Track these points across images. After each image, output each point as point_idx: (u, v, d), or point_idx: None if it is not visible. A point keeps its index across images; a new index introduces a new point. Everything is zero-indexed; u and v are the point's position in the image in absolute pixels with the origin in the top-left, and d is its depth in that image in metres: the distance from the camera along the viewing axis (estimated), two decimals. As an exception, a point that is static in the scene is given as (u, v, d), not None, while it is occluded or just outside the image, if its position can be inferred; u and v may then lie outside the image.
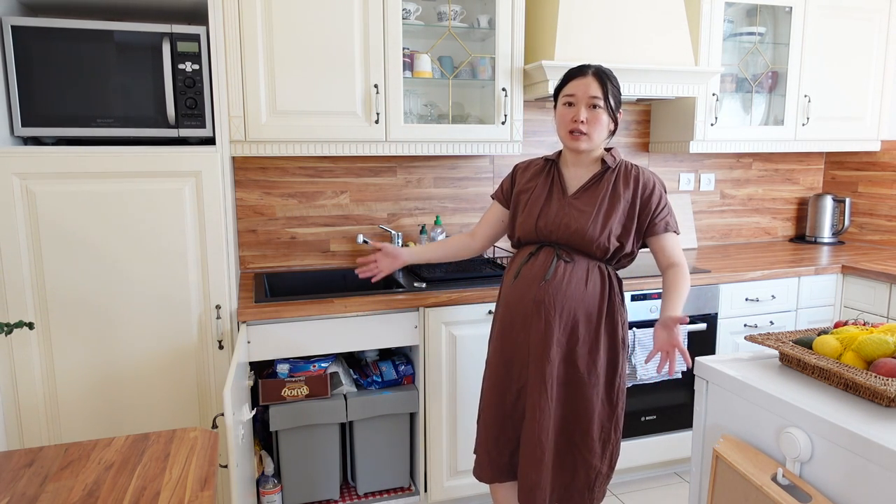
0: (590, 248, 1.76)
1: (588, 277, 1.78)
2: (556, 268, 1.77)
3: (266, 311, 2.07)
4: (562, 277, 1.76)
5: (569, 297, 1.76)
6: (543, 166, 1.91)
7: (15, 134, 1.91)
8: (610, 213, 1.77)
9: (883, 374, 1.26)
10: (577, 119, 1.74)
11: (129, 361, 2.01)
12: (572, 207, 1.79)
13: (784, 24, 2.97)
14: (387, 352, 2.49)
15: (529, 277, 1.80)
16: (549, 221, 1.79)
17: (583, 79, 1.76)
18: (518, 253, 1.91)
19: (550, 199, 1.83)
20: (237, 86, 2.16)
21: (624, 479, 2.66)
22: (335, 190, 2.71)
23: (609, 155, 1.84)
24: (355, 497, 2.37)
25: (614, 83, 1.78)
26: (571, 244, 1.78)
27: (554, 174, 1.87)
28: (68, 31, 1.89)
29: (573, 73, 1.79)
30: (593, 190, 1.81)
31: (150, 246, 1.98)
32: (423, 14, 2.54)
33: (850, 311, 2.79)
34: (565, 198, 1.82)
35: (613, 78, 1.79)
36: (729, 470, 1.37)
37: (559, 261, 1.78)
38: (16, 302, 1.89)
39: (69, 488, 1.14)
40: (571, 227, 1.76)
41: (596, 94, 1.73)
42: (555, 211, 1.80)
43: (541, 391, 1.76)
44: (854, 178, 3.37)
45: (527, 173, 1.92)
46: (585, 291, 1.77)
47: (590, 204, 1.78)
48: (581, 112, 1.74)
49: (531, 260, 1.82)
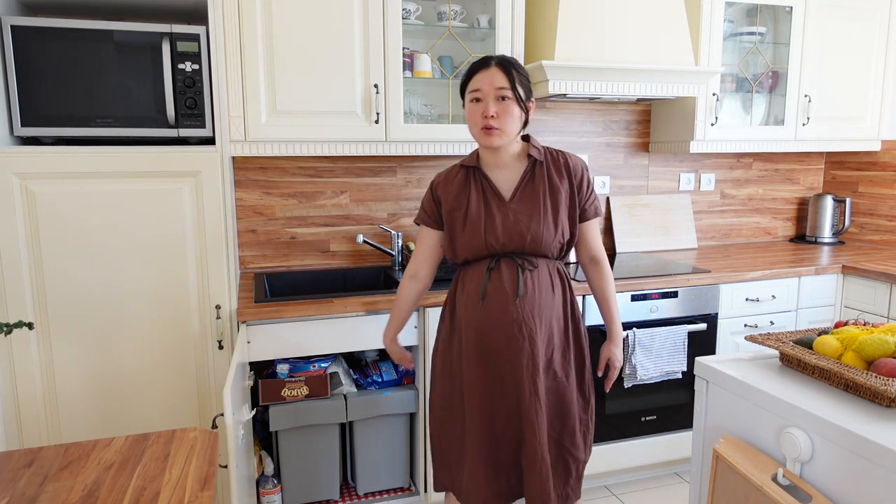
0: (547, 250, 1.71)
1: (552, 282, 1.74)
2: (525, 281, 1.69)
3: (266, 311, 2.07)
4: (533, 290, 1.70)
5: (544, 308, 1.71)
6: (466, 176, 1.76)
7: (15, 134, 1.91)
8: (556, 209, 1.71)
9: (883, 374, 1.26)
10: (486, 114, 1.64)
11: (129, 361, 2.01)
12: (517, 213, 1.70)
13: (784, 23, 2.97)
14: (387, 352, 2.49)
15: (499, 296, 1.69)
16: (499, 234, 1.69)
17: (487, 71, 1.66)
18: (469, 269, 1.77)
19: (490, 209, 1.71)
20: (237, 86, 2.16)
21: (624, 479, 2.66)
22: (335, 190, 2.71)
23: (532, 147, 1.74)
24: (355, 497, 2.37)
25: (521, 71, 1.68)
26: (528, 250, 1.70)
27: (481, 181, 1.74)
28: (68, 31, 1.89)
29: (476, 67, 1.69)
30: (530, 189, 1.72)
31: (149, 246, 1.97)
32: (423, 14, 2.54)
33: (851, 311, 2.78)
34: (505, 204, 1.71)
35: (519, 66, 1.69)
36: (729, 470, 1.37)
37: (524, 272, 1.70)
38: (16, 302, 1.89)
39: (69, 488, 1.14)
40: (527, 236, 1.68)
41: (502, 85, 1.64)
42: (500, 222, 1.69)
43: (537, 409, 1.70)
44: (854, 178, 3.37)
45: (450, 188, 1.77)
46: (554, 297, 1.74)
47: (533, 205, 1.70)
48: (490, 106, 1.64)
49: (493, 276, 1.71)
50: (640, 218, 3.13)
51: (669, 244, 3.17)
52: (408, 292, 1.92)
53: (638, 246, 3.10)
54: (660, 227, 3.16)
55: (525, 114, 1.70)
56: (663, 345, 2.48)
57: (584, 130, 3.03)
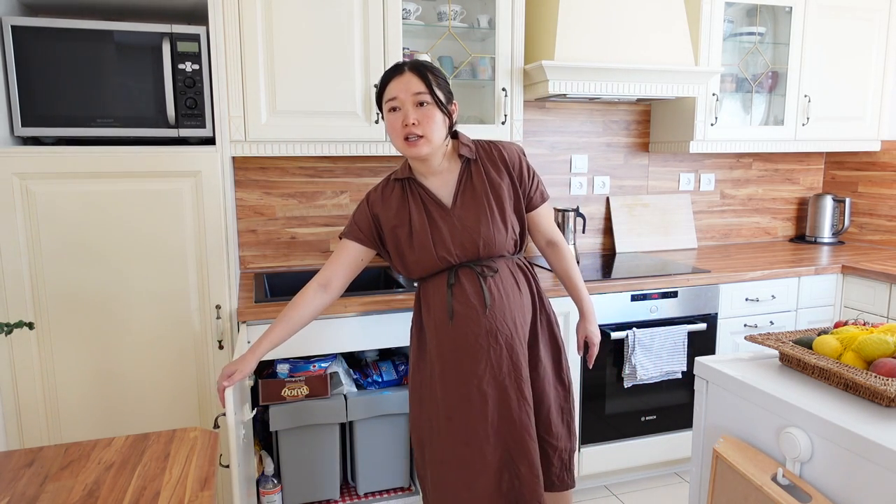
0: (502, 249, 1.66)
1: (517, 280, 1.70)
2: (489, 289, 1.63)
3: (266, 311, 2.07)
4: (500, 295, 1.64)
5: (515, 309, 1.67)
6: (402, 189, 1.69)
7: (15, 134, 1.91)
8: (501, 207, 1.65)
9: (883, 374, 1.26)
10: (406, 122, 1.56)
11: (129, 361, 2.01)
12: (463, 220, 1.63)
13: (784, 23, 2.97)
14: (387, 352, 2.49)
15: (467, 311, 1.63)
16: (449, 246, 1.63)
17: (401, 77, 1.58)
18: (429, 285, 1.70)
19: (434, 221, 1.64)
20: (237, 86, 2.16)
21: (624, 479, 2.66)
22: (335, 190, 2.71)
23: (462, 145, 1.67)
24: (355, 497, 2.37)
25: (437, 73, 1.60)
26: (483, 255, 1.65)
27: (418, 193, 1.67)
28: (68, 31, 1.89)
29: (389, 74, 1.60)
30: (470, 191, 1.65)
31: (150, 246, 1.98)
32: (423, 14, 2.54)
33: (850, 311, 2.79)
34: (449, 212, 1.64)
35: (435, 68, 1.61)
36: (729, 470, 1.37)
37: (486, 279, 1.64)
38: (16, 302, 1.89)
39: (69, 488, 1.14)
40: (478, 242, 1.63)
41: (419, 90, 1.55)
42: (447, 232, 1.63)
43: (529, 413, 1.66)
44: (854, 178, 3.37)
45: (389, 204, 1.69)
46: (521, 295, 1.70)
47: (478, 208, 1.64)
48: (409, 114, 1.56)
49: (455, 291, 1.64)
50: (639, 218, 3.13)
51: (669, 244, 3.17)
52: (310, 303, 1.71)
53: (638, 246, 3.10)
54: (660, 227, 3.16)
55: (448, 117, 1.62)
56: (663, 345, 2.48)
57: (584, 130, 3.03)
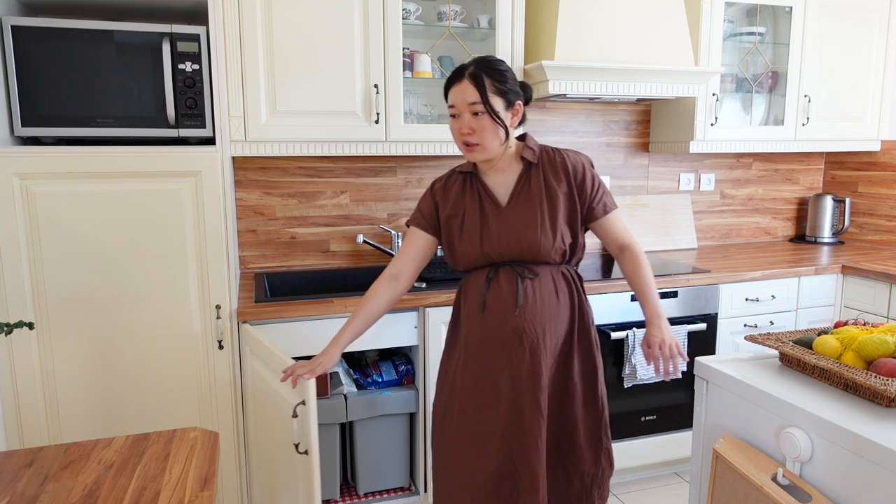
0: (548, 256, 1.63)
1: (557, 288, 1.66)
2: (524, 290, 1.63)
3: (266, 311, 2.07)
4: (534, 298, 1.63)
5: (548, 317, 1.64)
6: (463, 182, 1.71)
7: (15, 134, 1.91)
8: (554, 213, 1.64)
9: (883, 374, 1.26)
10: (462, 131, 1.59)
11: (130, 361, 2.01)
12: (513, 220, 1.63)
13: (784, 24, 2.97)
14: (387, 352, 2.49)
15: (499, 307, 1.63)
16: (495, 243, 1.63)
17: (459, 85, 1.58)
18: (470, 278, 1.71)
19: (486, 217, 1.65)
20: (237, 86, 2.16)
21: (624, 479, 2.66)
22: (335, 190, 2.71)
23: (527, 148, 1.67)
24: (355, 497, 2.37)
25: (495, 77, 1.57)
26: (527, 258, 1.64)
27: (478, 188, 1.69)
28: (68, 31, 1.89)
29: (451, 80, 1.61)
30: (526, 193, 1.65)
31: (149, 246, 1.97)
32: (423, 14, 2.54)
33: (850, 311, 2.79)
34: (501, 211, 1.65)
35: (494, 71, 1.57)
36: (729, 470, 1.37)
37: (524, 280, 1.63)
38: (16, 302, 1.89)
39: (69, 488, 1.14)
40: (523, 242, 1.62)
41: (473, 101, 1.55)
42: (496, 229, 1.64)
43: (540, 423, 1.63)
44: (854, 178, 3.37)
45: (449, 195, 1.72)
46: (559, 304, 1.66)
47: (529, 210, 1.63)
48: (464, 123, 1.58)
49: (492, 286, 1.65)
50: (640, 218, 3.13)
51: (669, 244, 3.17)
52: (384, 294, 1.73)
53: (638, 246, 3.10)
54: (660, 227, 3.16)
55: (502, 126, 1.59)
56: (663, 345, 2.47)
57: (584, 130, 3.03)
